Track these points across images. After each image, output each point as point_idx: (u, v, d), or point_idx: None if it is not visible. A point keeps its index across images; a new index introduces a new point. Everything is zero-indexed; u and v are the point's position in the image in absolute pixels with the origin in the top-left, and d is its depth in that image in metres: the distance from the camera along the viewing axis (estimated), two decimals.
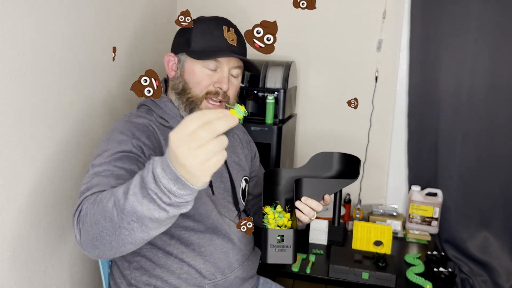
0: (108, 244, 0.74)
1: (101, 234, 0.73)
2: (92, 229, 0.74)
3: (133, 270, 1.07)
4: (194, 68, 1.05)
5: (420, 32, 1.72)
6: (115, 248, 0.74)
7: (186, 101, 1.06)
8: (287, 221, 0.97)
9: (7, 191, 1.05)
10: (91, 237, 0.75)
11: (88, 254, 0.81)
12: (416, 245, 1.75)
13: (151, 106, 1.09)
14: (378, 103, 1.89)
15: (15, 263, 1.09)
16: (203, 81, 1.05)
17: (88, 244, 0.77)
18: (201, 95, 1.05)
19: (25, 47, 1.06)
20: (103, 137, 1.00)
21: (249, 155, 1.27)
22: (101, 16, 1.37)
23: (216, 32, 1.05)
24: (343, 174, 1.10)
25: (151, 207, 0.65)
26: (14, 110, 1.05)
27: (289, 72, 1.68)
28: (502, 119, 1.68)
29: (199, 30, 1.05)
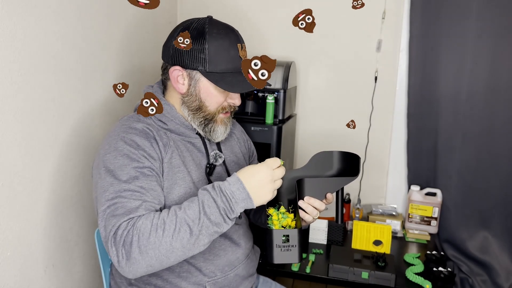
0: (167, 262, 0.88)
1: (166, 256, 0.86)
2: (155, 253, 0.85)
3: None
4: (210, 88, 1.05)
5: (420, 33, 1.72)
6: (170, 263, 0.89)
7: (203, 118, 1.07)
8: (291, 221, 0.98)
9: (7, 191, 1.05)
10: (149, 258, 0.86)
11: (133, 275, 0.89)
12: (415, 245, 1.75)
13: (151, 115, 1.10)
14: (378, 103, 1.90)
15: (15, 263, 1.09)
16: (219, 99, 1.06)
17: (137, 265, 0.86)
18: (216, 112, 1.08)
19: (26, 47, 1.06)
20: (106, 147, 0.99)
21: (247, 154, 1.28)
22: (101, 16, 1.37)
23: (232, 52, 1.03)
24: (343, 172, 1.10)
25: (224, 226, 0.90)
26: (15, 110, 1.05)
27: (289, 72, 1.68)
28: (501, 119, 1.69)
29: (214, 49, 1.02)
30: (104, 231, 0.90)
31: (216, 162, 1.11)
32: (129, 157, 0.95)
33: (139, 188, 0.94)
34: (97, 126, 1.39)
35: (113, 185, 0.93)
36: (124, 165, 0.95)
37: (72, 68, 1.25)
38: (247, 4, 1.95)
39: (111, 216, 0.89)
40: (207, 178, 1.09)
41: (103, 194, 0.93)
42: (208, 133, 1.09)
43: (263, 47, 1.97)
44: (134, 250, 0.85)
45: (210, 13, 1.19)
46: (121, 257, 0.86)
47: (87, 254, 1.37)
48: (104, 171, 0.95)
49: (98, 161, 0.99)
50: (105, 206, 0.91)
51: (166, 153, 1.02)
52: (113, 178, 0.93)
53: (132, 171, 0.94)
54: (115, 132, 1.01)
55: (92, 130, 1.37)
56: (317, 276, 1.49)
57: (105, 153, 0.97)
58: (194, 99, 1.06)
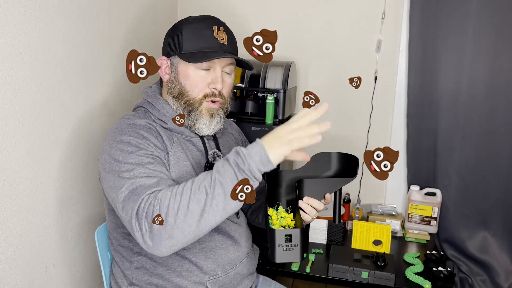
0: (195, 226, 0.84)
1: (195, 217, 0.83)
2: (175, 219, 0.83)
3: (134, 270, 1.08)
4: (188, 71, 1.06)
5: (419, 33, 1.72)
6: (191, 232, 0.84)
7: (185, 103, 1.07)
8: (290, 221, 0.99)
9: (8, 190, 1.05)
10: (171, 228, 0.83)
11: (158, 250, 0.86)
12: (415, 245, 1.75)
13: (148, 108, 1.10)
14: (378, 103, 1.90)
15: (16, 262, 1.09)
16: (199, 83, 1.06)
17: (160, 237, 0.84)
18: (199, 98, 1.07)
19: (26, 47, 1.07)
20: (111, 142, 0.99)
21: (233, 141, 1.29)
22: (102, 16, 1.37)
23: (206, 33, 1.05)
24: (342, 173, 1.11)
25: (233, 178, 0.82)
26: (15, 110, 1.05)
27: (289, 72, 1.68)
28: (501, 119, 1.69)
29: (189, 31, 1.05)
30: (126, 213, 0.89)
31: (214, 161, 1.11)
32: (137, 146, 0.97)
33: (152, 170, 0.94)
34: (98, 126, 1.39)
35: (127, 171, 0.93)
36: (133, 152, 0.95)
37: (73, 68, 1.25)
38: (247, 4, 1.96)
39: (133, 195, 0.89)
40: None
41: (118, 183, 0.92)
42: (193, 125, 1.08)
43: None
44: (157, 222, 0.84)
45: (210, 12, 1.20)
46: (144, 230, 0.85)
47: (87, 253, 1.38)
48: (115, 162, 0.95)
49: (104, 157, 0.99)
50: (126, 192, 0.90)
51: (172, 146, 1.04)
52: (124, 164, 0.94)
53: (142, 157, 0.95)
54: (118, 128, 1.01)
55: (92, 130, 1.37)
56: (317, 275, 1.49)
57: (110, 148, 0.98)
58: (175, 84, 1.08)
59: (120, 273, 1.11)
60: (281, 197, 1.10)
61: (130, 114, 1.09)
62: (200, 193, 0.83)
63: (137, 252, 1.07)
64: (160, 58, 1.10)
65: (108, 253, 1.21)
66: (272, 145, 0.84)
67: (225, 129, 1.24)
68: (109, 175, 0.96)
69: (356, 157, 1.09)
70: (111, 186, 0.95)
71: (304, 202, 1.04)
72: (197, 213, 0.83)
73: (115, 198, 0.93)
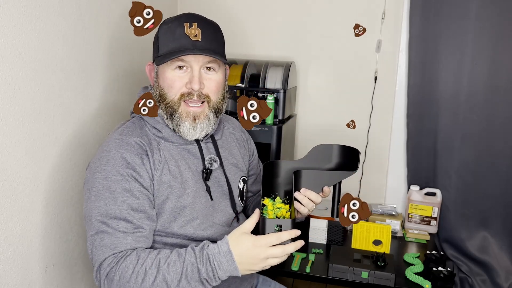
0: None
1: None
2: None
3: None
4: (165, 73, 1.03)
5: (419, 33, 1.72)
6: None
7: (165, 107, 1.03)
8: (286, 213, 0.97)
9: (8, 190, 1.05)
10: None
11: None
12: (415, 245, 1.75)
13: (146, 119, 1.08)
14: (377, 103, 1.90)
15: (16, 262, 1.09)
16: (174, 83, 1.02)
17: None
18: (176, 99, 1.02)
19: (26, 47, 1.07)
20: (97, 163, 0.98)
21: (246, 154, 1.26)
22: (102, 17, 1.37)
23: (178, 31, 1.01)
24: (342, 166, 1.09)
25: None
26: (15, 110, 1.05)
27: (289, 72, 1.68)
28: (501, 119, 1.69)
29: (163, 33, 1.03)
30: (91, 257, 0.96)
31: (211, 167, 1.09)
32: (117, 178, 0.96)
33: (127, 212, 0.95)
34: (97, 126, 1.40)
35: (100, 210, 0.95)
36: (114, 187, 0.95)
37: (73, 68, 1.25)
38: (247, 4, 1.96)
39: (99, 245, 0.94)
40: (205, 183, 1.08)
41: (92, 216, 0.96)
42: (177, 129, 1.04)
43: (264, 47, 1.98)
44: (109, 284, 0.92)
45: (210, 13, 1.19)
46: (100, 285, 0.94)
47: (87, 253, 1.38)
48: (94, 193, 0.96)
49: (89, 177, 0.99)
50: (93, 231, 0.95)
51: (157, 171, 1.01)
52: (100, 201, 0.95)
53: (120, 195, 0.95)
54: (107, 147, 0.99)
55: (92, 130, 1.37)
56: (317, 275, 1.49)
57: (95, 171, 0.98)
58: (156, 88, 1.07)
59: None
60: (279, 188, 1.08)
61: (125, 126, 1.05)
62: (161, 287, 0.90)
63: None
64: (148, 65, 1.10)
65: None
66: (247, 268, 0.91)
67: (225, 129, 1.21)
68: (87, 200, 0.98)
69: (358, 150, 1.07)
70: (85, 210, 0.99)
71: (301, 193, 1.02)
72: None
73: (86, 224, 0.99)
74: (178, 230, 1.02)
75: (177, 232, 1.03)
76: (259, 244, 0.89)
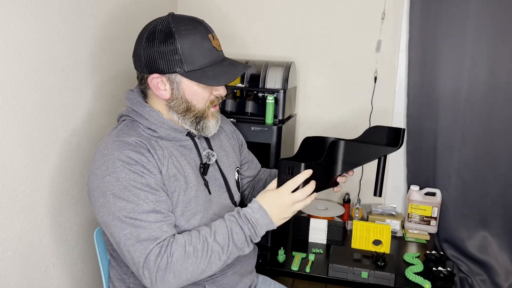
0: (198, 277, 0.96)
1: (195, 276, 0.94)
2: (188, 277, 0.94)
3: (131, 275, 1.07)
4: (193, 87, 1.02)
5: (419, 33, 1.72)
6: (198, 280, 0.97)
7: (194, 117, 1.05)
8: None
9: (8, 190, 1.05)
10: (183, 279, 0.93)
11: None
12: (415, 245, 1.75)
13: (135, 118, 1.05)
14: (377, 103, 1.90)
15: (16, 262, 1.09)
16: (204, 94, 1.04)
17: (170, 286, 0.93)
18: (206, 107, 1.06)
19: (26, 47, 1.07)
20: (103, 168, 0.95)
21: (236, 145, 1.28)
22: (102, 17, 1.37)
23: (206, 45, 1.01)
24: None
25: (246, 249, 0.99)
26: (16, 110, 1.05)
27: (289, 72, 1.68)
28: (501, 119, 1.69)
29: (187, 47, 0.98)
30: (131, 257, 0.93)
31: (209, 161, 1.10)
32: (131, 176, 0.94)
33: (152, 204, 0.95)
34: (97, 126, 1.40)
35: (125, 209, 0.93)
36: (129, 186, 0.94)
37: (73, 68, 1.25)
38: (248, 4, 1.96)
39: (137, 242, 0.92)
40: (202, 178, 1.09)
41: (117, 219, 0.93)
42: (200, 131, 1.08)
43: (264, 47, 1.98)
44: (168, 275, 0.91)
45: (210, 13, 1.19)
46: (154, 281, 0.92)
47: (87, 253, 1.38)
48: (111, 196, 0.94)
49: (97, 183, 0.96)
50: (125, 231, 0.92)
51: (163, 165, 1.01)
52: (122, 201, 0.93)
53: (138, 191, 0.94)
54: (108, 150, 0.97)
55: (92, 130, 1.37)
56: (317, 275, 1.49)
57: (103, 175, 0.95)
58: (180, 102, 1.03)
59: (117, 277, 1.11)
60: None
61: (119, 129, 1.02)
62: (214, 258, 0.95)
63: None
64: (152, 77, 1.01)
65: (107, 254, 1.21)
66: (279, 217, 1.00)
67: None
68: (103, 206, 0.95)
69: (403, 128, 1.11)
70: (103, 217, 0.95)
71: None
72: (209, 272, 0.96)
73: (111, 230, 0.95)
74: (184, 224, 1.03)
75: (183, 226, 1.03)
76: (280, 193, 0.99)
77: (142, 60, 1.01)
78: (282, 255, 1.56)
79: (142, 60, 1.01)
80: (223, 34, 1.32)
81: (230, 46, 1.87)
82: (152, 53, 0.99)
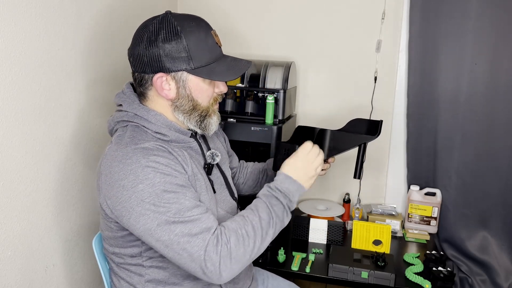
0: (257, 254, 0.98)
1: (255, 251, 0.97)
2: (247, 258, 0.96)
3: (145, 283, 1.05)
4: (200, 84, 1.02)
5: (419, 33, 1.72)
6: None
7: (199, 116, 1.05)
8: None
9: (8, 190, 1.05)
10: (243, 262, 0.95)
11: (221, 281, 0.94)
12: (415, 245, 1.75)
13: (139, 122, 1.01)
14: (377, 104, 1.90)
15: (16, 262, 1.09)
16: (209, 92, 1.05)
17: (232, 272, 0.94)
18: (209, 105, 1.06)
19: (26, 47, 1.07)
20: (131, 177, 0.91)
21: (223, 141, 1.30)
22: (102, 16, 1.37)
23: (210, 41, 1.01)
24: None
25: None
26: (16, 110, 1.05)
27: (289, 72, 1.68)
28: (501, 119, 1.69)
29: (193, 43, 0.98)
30: (188, 254, 0.90)
31: (213, 162, 1.11)
32: (165, 179, 0.92)
33: (192, 200, 0.94)
34: (98, 126, 1.40)
35: (170, 211, 0.91)
36: (166, 188, 0.92)
37: (73, 67, 1.25)
38: (247, 4, 1.96)
39: (191, 237, 0.90)
40: (208, 178, 1.09)
41: (164, 222, 0.90)
42: (204, 129, 1.07)
43: (264, 47, 1.98)
44: (231, 262, 0.92)
45: (210, 12, 1.19)
46: (218, 271, 0.91)
47: (87, 253, 1.38)
48: (150, 203, 0.91)
49: (127, 194, 0.92)
50: (176, 230, 0.90)
51: (187, 165, 1.00)
52: (163, 204, 0.91)
53: (176, 191, 0.93)
54: (132, 159, 0.93)
55: (92, 130, 1.37)
56: (317, 275, 1.49)
57: (134, 185, 0.91)
58: (187, 101, 1.02)
59: (130, 287, 1.08)
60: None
61: (128, 136, 0.98)
62: (266, 235, 0.99)
63: (149, 266, 1.04)
64: (158, 77, 0.99)
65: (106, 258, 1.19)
66: (305, 178, 1.08)
67: None
68: (142, 216, 0.91)
69: (380, 120, 1.25)
70: (145, 225, 0.91)
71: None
72: (263, 249, 0.99)
73: (162, 239, 0.91)
74: None
75: None
76: (297, 156, 1.08)
77: (144, 60, 0.98)
78: (282, 255, 1.56)
79: (144, 60, 0.98)
80: (223, 33, 1.32)
81: (230, 46, 1.87)
82: (156, 52, 0.97)
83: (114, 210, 0.95)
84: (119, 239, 1.03)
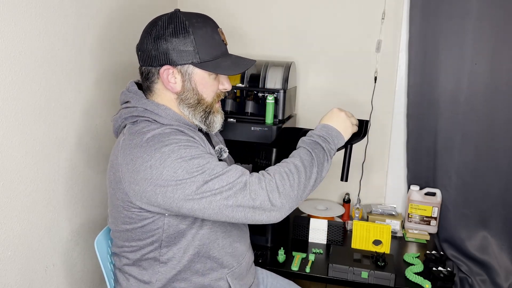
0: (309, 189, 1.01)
1: (309, 184, 1.01)
2: (293, 190, 0.97)
3: (156, 283, 1.05)
4: (205, 79, 1.04)
5: (419, 33, 1.72)
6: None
7: (203, 111, 1.06)
8: None
9: (8, 190, 1.05)
10: (292, 198, 0.97)
11: (273, 219, 0.96)
12: (415, 245, 1.75)
13: (151, 117, 1.02)
14: (377, 104, 1.90)
15: (16, 262, 1.09)
16: (213, 88, 1.07)
17: (286, 204, 0.96)
18: (212, 101, 1.08)
19: (26, 47, 1.07)
20: (157, 163, 0.93)
21: (222, 138, 1.30)
22: (102, 16, 1.37)
23: (216, 37, 1.05)
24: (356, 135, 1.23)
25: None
26: (16, 110, 1.05)
27: (289, 72, 1.68)
28: (501, 119, 1.69)
29: (200, 38, 1.00)
30: (233, 199, 0.92)
31: (221, 157, 1.13)
32: (190, 151, 0.95)
33: (220, 163, 0.97)
34: (98, 126, 1.40)
35: (205, 173, 0.92)
36: (194, 156, 0.94)
37: (73, 68, 1.25)
38: (247, 4, 1.96)
39: (230, 184, 0.93)
40: None
41: (202, 183, 0.92)
42: (208, 126, 1.09)
43: (264, 47, 1.98)
44: (276, 195, 0.94)
45: (210, 12, 1.19)
46: (268, 204, 0.93)
47: (87, 253, 1.38)
48: (183, 171, 0.92)
49: (156, 174, 0.92)
50: (216, 185, 0.92)
51: (204, 145, 1.04)
52: (196, 169, 0.92)
53: (204, 156, 0.95)
54: (152, 141, 0.95)
55: (93, 130, 1.37)
56: (317, 275, 1.49)
57: (162, 161, 0.92)
58: (192, 94, 1.04)
59: (136, 285, 1.08)
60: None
61: (145, 130, 0.98)
62: (311, 174, 1.01)
63: (163, 263, 1.04)
64: (164, 69, 1.01)
65: (108, 256, 1.20)
66: (343, 127, 1.13)
67: None
68: (183, 187, 0.92)
69: (367, 120, 1.25)
70: (189, 195, 0.92)
71: None
72: (309, 187, 1.01)
73: (206, 197, 0.92)
74: None
75: None
76: (332, 111, 1.16)
77: (152, 53, 1.01)
78: (282, 255, 1.56)
79: (152, 53, 1.01)
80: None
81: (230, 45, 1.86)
82: (164, 46, 1.00)
83: (144, 194, 0.94)
84: (138, 230, 1.02)
